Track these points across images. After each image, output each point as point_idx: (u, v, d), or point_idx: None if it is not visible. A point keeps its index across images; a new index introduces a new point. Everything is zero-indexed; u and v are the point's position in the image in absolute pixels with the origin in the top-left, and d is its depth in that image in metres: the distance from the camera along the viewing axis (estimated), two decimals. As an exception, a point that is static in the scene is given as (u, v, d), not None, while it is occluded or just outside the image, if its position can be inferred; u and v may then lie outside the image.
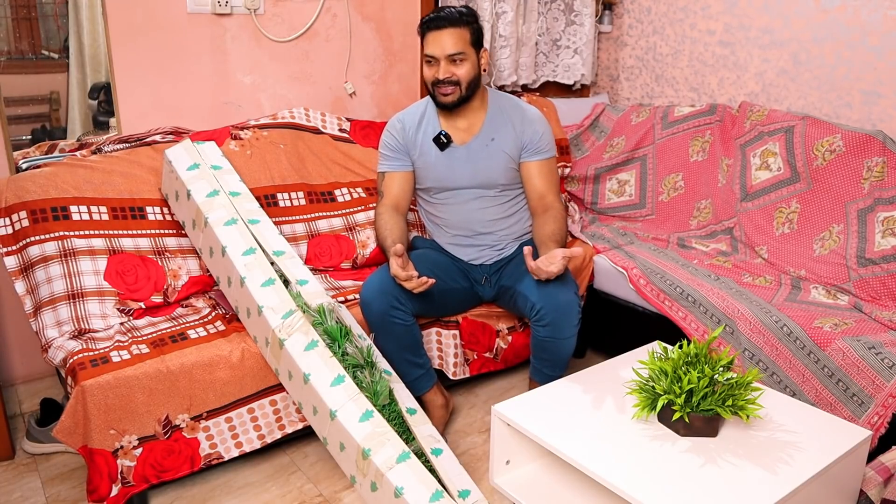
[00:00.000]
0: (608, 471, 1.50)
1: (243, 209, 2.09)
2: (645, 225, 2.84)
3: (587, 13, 3.26)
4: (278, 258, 2.00)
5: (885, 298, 2.18)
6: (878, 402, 1.86)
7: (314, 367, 1.76)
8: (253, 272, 1.92)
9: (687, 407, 1.56)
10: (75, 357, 1.82)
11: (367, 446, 1.64)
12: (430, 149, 2.21)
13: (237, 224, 2.02)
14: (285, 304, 1.86)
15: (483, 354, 2.38)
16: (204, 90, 2.56)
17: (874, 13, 2.45)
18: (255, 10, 2.56)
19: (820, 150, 2.44)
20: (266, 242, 2.02)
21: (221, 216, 2.03)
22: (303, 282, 1.97)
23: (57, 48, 2.44)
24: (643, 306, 2.45)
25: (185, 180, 2.09)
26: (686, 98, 3.12)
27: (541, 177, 2.21)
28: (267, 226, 2.09)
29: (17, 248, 1.99)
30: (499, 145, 2.19)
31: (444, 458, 1.74)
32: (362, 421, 1.69)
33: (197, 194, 2.06)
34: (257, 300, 1.87)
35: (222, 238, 1.97)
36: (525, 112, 2.23)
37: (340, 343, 1.84)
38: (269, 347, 1.87)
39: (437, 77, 2.10)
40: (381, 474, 1.61)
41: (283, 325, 1.82)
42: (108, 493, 1.77)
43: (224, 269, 1.99)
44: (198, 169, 2.14)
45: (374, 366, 1.85)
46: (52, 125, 2.48)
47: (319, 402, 1.74)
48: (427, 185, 2.26)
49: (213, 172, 2.16)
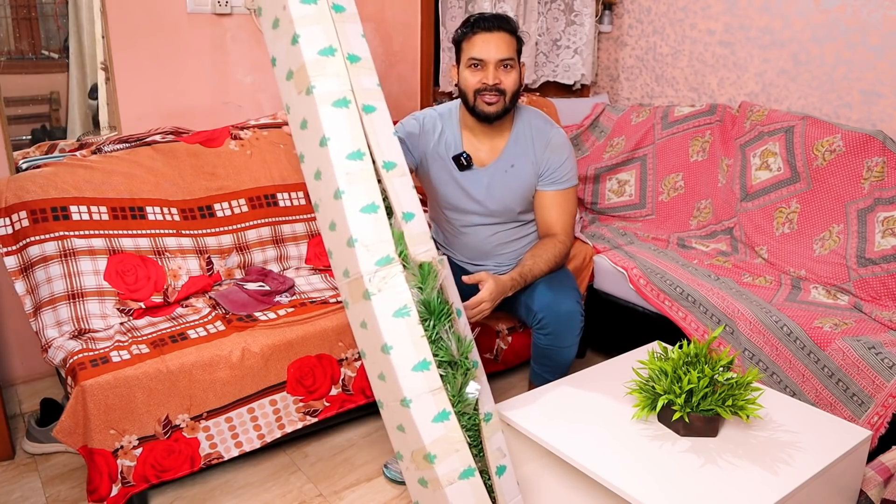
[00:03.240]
0: (608, 471, 1.50)
1: (360, 87, 1.56)
2: (645, 225, 2.84)
3: (587, 13, 3.26)
4: (388, 172, 1.55)
5: (885, 298, 2.18)
6: (878, 402, 1.86)
7: (399, 339, 1.47)
8: (355, 187, 1.50)
9: (687, 407, 1.56)
10: (75, 357, 1.82)
11: (434, 452, 1.46)
12: (446, 165, 2.06)
13: (349, 108, 1.53)
14: (385, 244, 1.49)
15: (483, 355, 2.38)
16: (204, 90, 2.56)
17: (874, 13, 2.45)
18: (255, 11, 2.56)
19: (820, 150, 2.44)
20: (378, 145, 1.55)
21: (332, 90, 1.52)
22: (408, 215, 1.55)
23: (57, 48, 2.44)
24: (643, 306, 2.45)
25: (296, 18, 1.53)
26: (686, 98, 3.12)
27: (553, 207, 2.07)
28: (383, 118, 1.59)
29: (17, 248, 1.99)
30: (518, 172, 2.05)
31: (506, 478, 1.57)
32: (436, 421, 1.47)
33: (306, 45, 1.52)
34: (351, 228, 1.48)
35: (326, 124, 1.51)
36: (551, 138, 2.05)
37: (437, 322, 1.51)
38: (348, 281, 1.54)
39: (485, 83, 1.90)
40: (440, 486, 1.47)
41: (374, 274, 1.47)
42: (108, 493, 1.77)
43: (315, 158, 1.57)
44: (315, 5, 1.56)
45: (467, 365, 1.54)
46: (52, 125, 2.48)
47: (393, 379, 1.48)
48: (437, 199, 2.16)
49: (333, 16, 1.57)
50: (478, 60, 1.91)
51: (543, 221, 2.10)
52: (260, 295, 2.17)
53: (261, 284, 2.22)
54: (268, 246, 2.36)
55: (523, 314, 2.11)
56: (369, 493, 1.98)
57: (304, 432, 2.08)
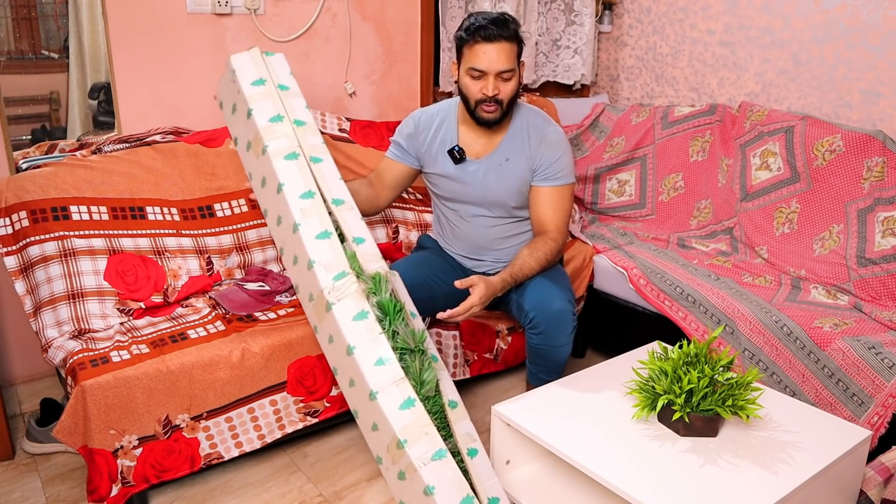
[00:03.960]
0: (608, 471, 1.50)
1: (307, 143, 1.85)
2: (645, 225, 2.84)
3: (587, 13, 3.26)
4: (337, 207, 1.79)
5: (885, 298, 2.18)
6: (878, 402, 1.86)
7: (360, 340, 1.62)
8: (309, 220, 1.73)
9: (687, 407, 1.56)
10: (75, 357, 1.82)
11: (404, 437, 1.55)
12: (445, 159, 2.11)
13: (298, 160, 1.80)
14: (339, 263, 1.69)
15: (483, 355, 2.38)
16: (204, 90, 2.56)
17: (874, 13, 2.45)
18: (255, 10, 2.56)
19: (820, 150, 2.44)
20: (326, 187, 1.81)
21: (282, 147, 1.80)
22: (359, 240, 1.78)
23: (57, 48, 2.44)
24: (643, 306, 2.45)
25: (248, 97, 1.86)
26: (686, 98, 3.12)
27: (546, 204, 2.08)
28: (329, 167, 1.85)
29: (17, 248, 1.99)
30: (512, 167, 2.07)
31: (478, 459, 1.64)
32: (403, 409, 1.58)
33: (259, 116, 1.83)
34: (309, 253, 1.69)
35: (280, 173, 1.76)
36: (546, 134, 2.07)
37: (393, 320, 1.69)
38: (313, 304, 1.73)
39: (485, 94, 1.94)
40: (414, 469, 1.53)
41: (333, 287, 1.66)
42: (108, 493, 1.77)
43: (275, 206, 1.81)
44: (263, 86, 1.89)
45: (424, 353, 1.70)
46: (52, 125, 2.48)
47: (360, 377, 1.62)
48: (439, 193, 2.20)
49: (279, 93, 1.90)
50: (478, 72, 1.94)
51: (536, 218, 2.11)
52: (260, 295, 2.17)
53: (261, 284, 2.22)
54: (268, 246, 2.36)
55: (515, 313, 2.11)
56: (369, 493, 1.98)
57: (304, 432, 2.08)
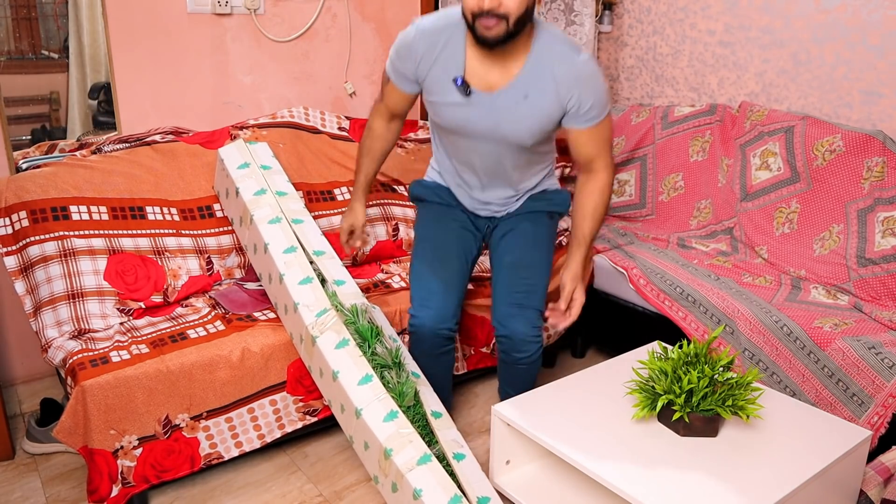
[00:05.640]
0: (608, 471, 1.50)
1: (288, 209, 2.14)
2: (645, 225, 2.84)
3: (587, 13, 3.26)
4: (318, 258, 2.04)
5: (885, 298, 2.18)
6: (878, 402, 1.86)
7: (343, 364, 1.79)
8: (292, 269, 1.96)
9: (687, 407, 1.56)
10: (75, 357, 1.82)
11: (390, 446, 1.65)
12: (447, 87, 1.80)
13: (281, 223, 2.07)
14: (320, 302, 1.90)
15: (480, 349, 2.38)
16: (204, 90, 2.56)
17: (874, 13, 2.45)
18: (255, 10, 2.56)
19: (820, 150, 2.44)
20: (307, 242, 2.07)
21: (266, 214, 2.09)
22: (339, 282, 2.01)
23: (57, 48, 2.44)
24: (643, 306, 2.45)
25: (235, 178, 2.17)
26: (686, 98, 3.12)
27: (591, 143, 1.82)
28: (310, 226, 2.13)
29: (17, 248, 1.99)
30: (533, 104, 1.76)
31: (466, 463, 1.71)
32: (386, 421, 1.69)
33: (245, 192, 2.13)
34: (293, 297, 1.90)
35: (265, 235, 2.03)
36: (576, 68, 1.74)
37: (371, 343, 1.86)
38: (304, 344, 1.90)
39: (481, 6, 1.62)
40: (402, 475, 1.60)
41: (316, 323, 1.85)
42: (108, 494, 1.77)
43: (266, 266, 2.05)
44: (247, 168, 2.21)
45: (401, 367, 1.86)
46: (52, 125, 2.48)
47: (346, 399, 1.76)
48: (439, 122, 1.92)
49: (262, 172, 2.21)
50: None
51: (581, 154, 1.85)
52: (260, 295, 2.17)
53: (260, 284, 2.22)
54: (268, 246, 2.37)
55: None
56: (369, 493, 1.98)
57: (304, 432, 2.08)
